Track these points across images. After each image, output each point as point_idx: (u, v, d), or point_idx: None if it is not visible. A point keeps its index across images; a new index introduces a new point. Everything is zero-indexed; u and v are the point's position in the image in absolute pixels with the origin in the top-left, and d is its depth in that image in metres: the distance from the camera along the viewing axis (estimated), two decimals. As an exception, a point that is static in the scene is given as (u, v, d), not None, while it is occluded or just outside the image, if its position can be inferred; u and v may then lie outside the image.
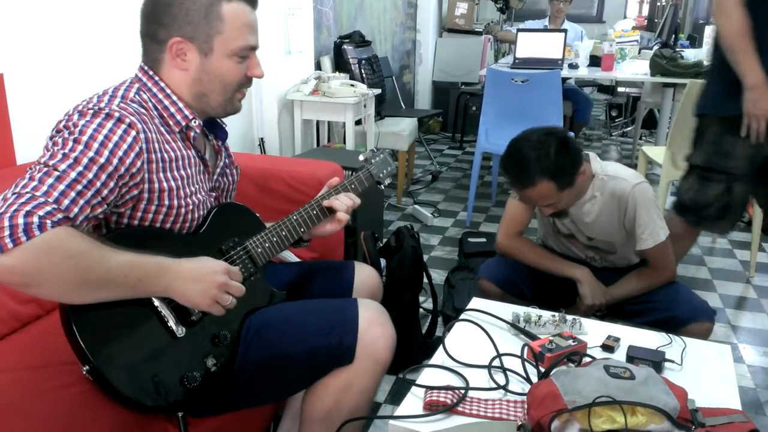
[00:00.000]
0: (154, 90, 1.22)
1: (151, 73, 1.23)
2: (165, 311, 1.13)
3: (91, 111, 1.10)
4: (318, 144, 3.81)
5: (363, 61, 4.19)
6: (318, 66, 4.01)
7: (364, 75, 4.14)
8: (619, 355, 1.33)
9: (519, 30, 4.18)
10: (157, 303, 1.12)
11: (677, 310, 1.71)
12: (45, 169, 1.01)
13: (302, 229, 1.40)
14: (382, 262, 2.21)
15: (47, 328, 1.52)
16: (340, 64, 4.14)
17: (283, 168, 2.11)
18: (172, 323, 1.13)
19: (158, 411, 1.13)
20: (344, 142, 3.55)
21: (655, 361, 1.27)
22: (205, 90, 1.24)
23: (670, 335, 1.42)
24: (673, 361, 1.30)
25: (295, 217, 1.39)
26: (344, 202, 1.44)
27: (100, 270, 1.01)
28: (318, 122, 3.76)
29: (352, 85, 3.38)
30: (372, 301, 1.36)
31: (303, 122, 3.47)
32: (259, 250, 1.32)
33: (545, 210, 1.73)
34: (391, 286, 2.10)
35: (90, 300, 1.04)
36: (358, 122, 3.57)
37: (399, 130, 4.01)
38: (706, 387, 1.22)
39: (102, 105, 1.12)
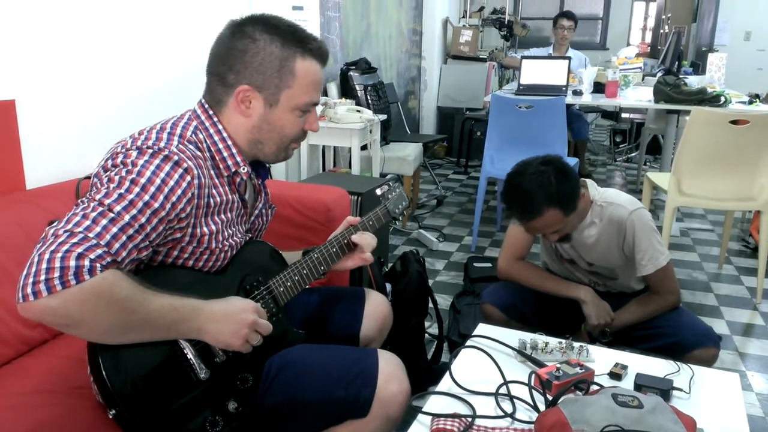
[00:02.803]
0: (211, 131, 1.22)
1: (210, 112, 1.23)
2: (190, 353, 1.13)
3: (150, 150, 1.09)
4: (324, 169, 3.84)
5: (369, 88, 4.24)
6: (324, 92, 4.06)
7: (369, 101, 4.18)
8: (627, 383, 1.32)
9: (523, 57, 4.23)
10: (183, 344, 1.12)
11: (682, 336, 1.70)
12: (100, 208, 1.01)
13: (322, 268, 1.41)
14: (388, 286, 2.21)
15: (55, 351, 1.52)
16: (347, 90, 4.19)
17: (290, 193, 2.12)
18: (197, 365, 1.13)
19: None
20: (350, 167, 3.57)
21: (663, 389, 1.26)
22: (262, 138, 1.25)
23: (678, 363, 1.41)
24: (681, 390, 1.29)
25: (315, 256, 1.40)
26: (370, 243, 1.45)
27: (141, 314, 1.02)
28: (324, 147, 3.79)
29: (358, 111, 3.42)
30: (391, 354, 1.34)
31: (309, 147, 3.50)
32: (281, 289, 1.32)
33: (552, 237, 1.73)
34: (397, 310, 2.08)
35: (124, 341, 1.04)
36: (363, 147, 3.59)
37: (404, 155, 4.03)
38: (714, 416, 1.21)
39: (162, 144, 1.11)
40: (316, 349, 1.35)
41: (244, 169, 1.26)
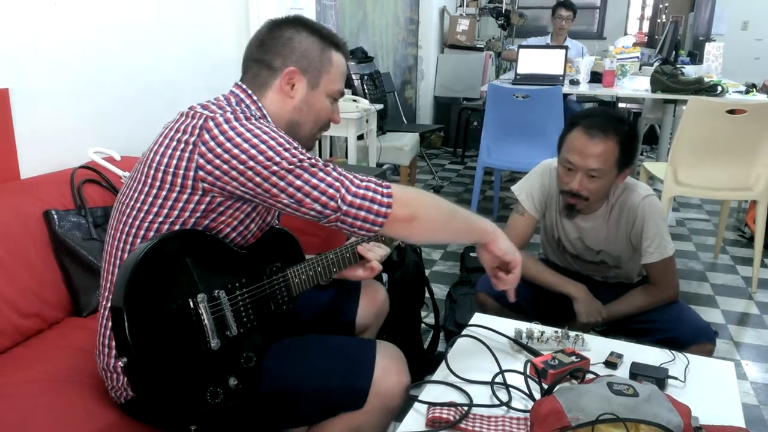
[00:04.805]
0: (255, 110, 1.28)
1: (255, 98, 1.30)
2: (207, 320, 1.14)
3: (240, 117, 1.17)
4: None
5: (365, 77, 4.22)
6: (321, 81, 4.03)
7: (366, 90, 4.17)
8: (622, 372, 1.32)
9: (520, 46, 4.21)
10: (202, 310, 1.13)
11: (679, 331, 1.69)
12: (307, 165, 1.15)
13: (335, 269, 1.43)
14: (384, 276, 2.21)
15: (49, 342, 1.52)
16: (343, 80, 4.17)
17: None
18: (209, 334, 1.14)
19: (175, 420, 1.11)
20: (346, 157, 3.56)
21: (659, 378, 1.26)
22: (301, 120, 1.33)
23: (673, 352, 1.41)
24: (676, 378, 1.30)
25: (331, 257, 1.41)
26: (378, 253, 1.47)
27: (449, 206, 1.27)
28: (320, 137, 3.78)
29: (355, 101, 3.40)
30: (392, 346, 1.35)
31: (305, 137, 3.49)
32: (296, 280, 1.35)
33: (584, 183, 1.68)
34: (393, 300, 2.09)
35: (449, 234, 1.35)
36: (360, 137, 3.58)
37: (401, 144, 4.02)
38: (709, 404, 1.21)
39: (239, 113, 1.19)
40: (315, 339, 1.36)
41: None
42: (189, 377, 1.11)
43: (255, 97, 1.29)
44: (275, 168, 1.13)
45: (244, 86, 1.31)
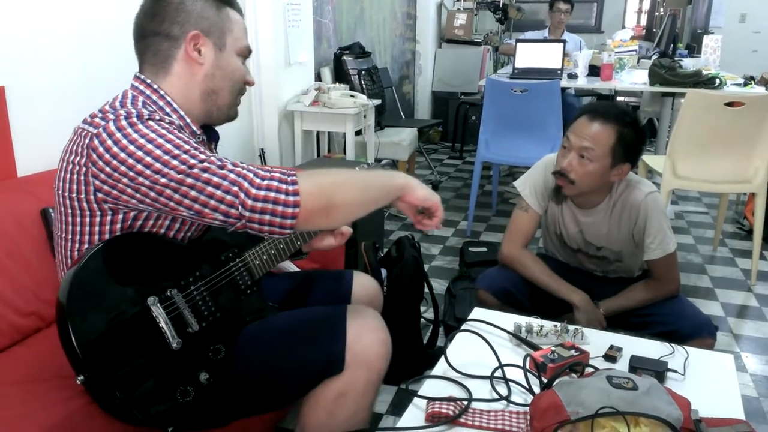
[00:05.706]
0: (161, 103, 1.21)
1: (155, 87, 1.21)
2: (162, 322, 1.12)
3: (124, 125, 1.09)
4: (318, 154, 3.82)
5: (363, 72, 4.21)
6: (318, 77, 4.03)
7: (363, 86, 4.16)
8: (622, 365, 1.32)
9: (518, 40, 4.20)
10: (155, 313, 1.11)
11: (679, 325, 1.69)
12: (197, 171, 1.05)
13: (299, 243, 1.40)
14: (383, 272, 2.21)
15: (47, 340, 1.51)
16: (340, 75, 4.16)
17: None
18: (168, 334, 1.12)
19: (149, 425, 1.10)
20: (344, 153, 3.56)
21: (658, 371, 1.26)
22: (217, 87, 1.25)
23: (673, 345, 1.41)
24: (675, 371, 1.30)
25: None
26: None
27: (361, 177, 1.20)
28: (318, 133, 3.77)
29: (352, 96, 3.39)
30: (364, 307, 1.35)
31: (303, 133, 3.48)
32: (257, 262, 1.33)
33: (573, 163, 1.69)
34: (392, 295, 2.09)
35: (369, 207, 1.19)
36: (358, 132, 3.58)
37: (399, 140, 4.02)
38: (709, 397, 1.21)
39: (122, 120, 1.10)
40: (283, 315, 1.35)
41: (199, 138, 1.26)
42: (153, 382, 1.09)
43: (156, 85, 1.21)
44: (164, 180, 1.05)
45: (142, 77, 1.22)
